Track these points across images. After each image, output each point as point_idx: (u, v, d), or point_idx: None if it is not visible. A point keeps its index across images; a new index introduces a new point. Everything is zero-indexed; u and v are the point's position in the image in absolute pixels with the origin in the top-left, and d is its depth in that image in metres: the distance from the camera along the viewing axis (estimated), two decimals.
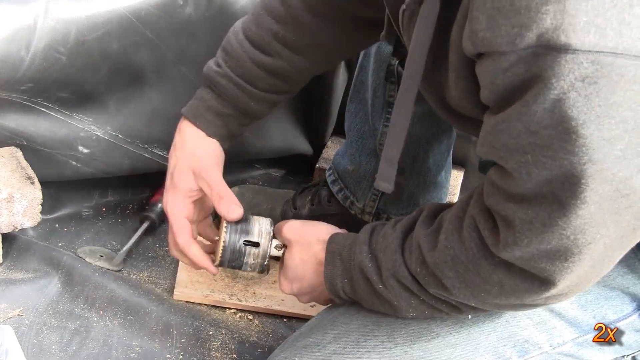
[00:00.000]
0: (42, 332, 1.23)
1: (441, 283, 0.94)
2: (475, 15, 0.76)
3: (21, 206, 1.30)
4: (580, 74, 0.72)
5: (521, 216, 0.83)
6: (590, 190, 0.78)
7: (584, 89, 0.73)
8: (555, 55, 0.72)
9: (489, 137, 0.82)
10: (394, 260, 0.99)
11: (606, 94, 0.73)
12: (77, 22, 1.33)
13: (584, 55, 0.71)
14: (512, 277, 0.89)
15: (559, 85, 0.73)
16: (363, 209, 1.49)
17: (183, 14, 1.42)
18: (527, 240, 0.84)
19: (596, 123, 0.74)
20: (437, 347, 1.03)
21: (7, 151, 1.38)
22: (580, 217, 0.80)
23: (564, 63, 0.72)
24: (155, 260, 1.47)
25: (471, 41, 0.77)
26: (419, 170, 1.44)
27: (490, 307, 0.95)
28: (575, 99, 0.73)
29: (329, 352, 1.04)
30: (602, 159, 0.76)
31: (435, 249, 0.94)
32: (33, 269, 1.35)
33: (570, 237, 0.82)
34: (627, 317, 1.05)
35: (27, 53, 1.29)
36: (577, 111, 0.74)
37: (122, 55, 1.40)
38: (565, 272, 0.85)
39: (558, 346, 1.05)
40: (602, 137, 0.75)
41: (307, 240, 1.12)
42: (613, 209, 0.80)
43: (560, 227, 0.81)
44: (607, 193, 0.78)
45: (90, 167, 1.47)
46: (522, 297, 0.91)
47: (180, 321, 1.32)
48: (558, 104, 0.74)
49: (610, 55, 0.71)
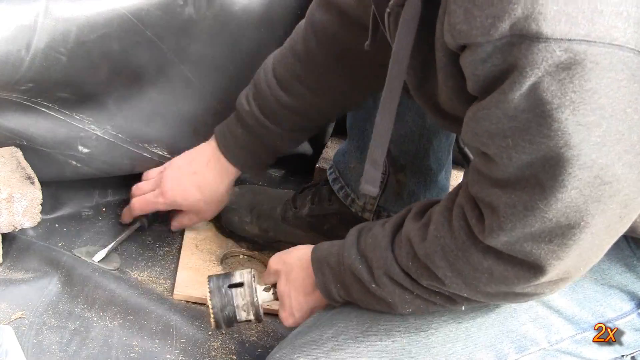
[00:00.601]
0: (42, 332, 1.23)
1: (433, 274, 0.95)
2: (453, 8, 0.77)
3: (21, 206, 1.30)
4: (554, 61, 0.73)
5: (505, 201, 0.84)
6: (568, 175, 0.79)
7: (557, 74, 0.74)
8: (529, 44, 0.73)
9: (471, 124, 0.83)
10: (385, 258, 1.00)
11: (580, 80, 0.74)
12: (77, 22, 1.33)
13: (556, 44, 0.72)
14: (501, 263, 0.89)
15: (534, 72, 0.74)
16: (364, 207, 1.49)
17: (183, 14, 1.42)
18: (511, 225, 0.85)
19: (571, 108, 0.75)
20: (435, 342, 1.04)
21: (7, 151, 1.38)
22: (561, 200, 0.81)
23: (536, 51, 0.73)
24: (155, 260, 1.47)
25: (450, 34, 0.78)
26: (419, 168, 1.45)
27: (482, 296, 0.96)
28: (549, 83, 0.74)
29: (328, 349, 1.04)
30: (579, 144, 0.77)
31: (426, 240, 0.95)
32: (33, 269, 1.34)
33: (553, 220, 0.83)
34: (626, 315, 1.06)
35: (27, 53, 1.29)
36: (551, 95, 0.75)
37: (122, 55, 1.40)
38: (551, 256, 0.86)
39: (556, 343, 1.05)
40: (578, 122, 0.76)
41: (289, 263, 1.17)
42: (595, 196, 0.80)
43: (541, 210, 0.82)
44: (586, 179, 0.79)
45: (90, 167, 1.47)
46: (511, 285, 0.91)
47: (180, 321, 1.32)
48: (533, 89, 0.75)
49: (583, 43, 0.72)
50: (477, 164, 0.88)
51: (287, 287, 1.17)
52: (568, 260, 0.87)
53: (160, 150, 1.53)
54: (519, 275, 0.89)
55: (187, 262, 1.46)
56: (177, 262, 1.46)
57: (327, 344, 1.05)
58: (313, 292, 1.14)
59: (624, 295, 1.05)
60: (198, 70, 1.49)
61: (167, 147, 1.53)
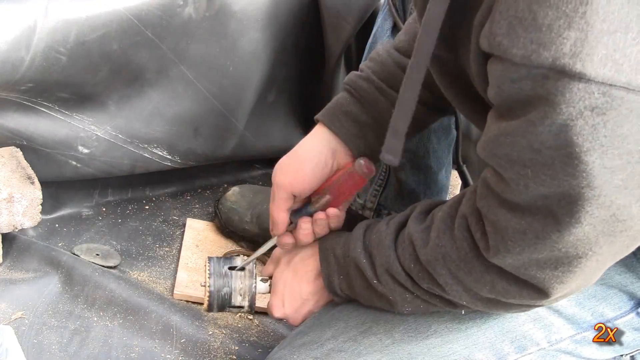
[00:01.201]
0: (42, 332, 1.23)
1: (434, 280, 0.95)
2: (497, 18, 0.76)
3: (21, 206, 1.30)
4: (590, 103, 0.73)
5: (514, 225, 0.84)
6: (586, 213, 0.79)
7: (592, 119, 0.74)
8: (568, 82, 0.73)
9: (491, 144, 0.83)
10: (388, 256, 1.00)
11: (613, 125, 0.74)
12: (77, 22, 1.33)
13: (596, 86, 0.72)
14: (504, 280, 0.90)
15: (568, 111, 0.74)
16: (364, 205, 1.49)
17: (183, 14, 1.42)
18: (519, 249, 0.85)
19: (599, 152, 0.75)
20: (434, 343, 1.04)
21: (7, 151, 1.38)
22: (574, 234, 0.81)
23: (575, 91, 0.73)
24: (155, 260, 1.47)
25: (488, 41, 0.77)
26: (419, 166, 1.45)
27: (482, 305, 0.96)
28: (582, 127, 0.74)
29: (327, 349, 1.04)
30: (602, 185, 0.77)
31: (428, 246, 0.95)
32: (33, 269, 1.35)
33: (562, 250, 0.83)
34: (625, 315, 1.06)
35: (27, 53, 1.29)
36: (582, 139, 0.75)
37: (122, 55, 1.40)
38: (555, 280, 0.87)
39: (556, 343, 1.05)
40: (604, 165, 0.76)
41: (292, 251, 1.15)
42: (608, 231, 0.81)
43: (553, 240, 0.82)
44: (602, 217, 0.80)
45: (90, 167, 1.47)
46: (512, 299, 0.92)
47: (180, 321, 1.32)
48: (564, 129, 0.75)
49: (622, 89, 0.72)
50: (489, 179, 0.87)
51: (284, 272, 1.14)
52: (571, 284, 0.88)
53: (160, 150, 1.53)
54: (522, 293, 0.90)
55: (187, 262, 1.46)
56: (177, 262, 1.46)
57: (326, 344, 1.05)
58: (312, 282, 1.12)
59: (624, 295, 1.05)
60: (198, 70, 1.49)
61: (167, 147, 1.54)
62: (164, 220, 1.57)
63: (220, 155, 1.63)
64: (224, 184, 1.71)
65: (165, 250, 1.50)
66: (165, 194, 1.65)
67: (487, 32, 0.78)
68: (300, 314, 1.15)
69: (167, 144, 1.53)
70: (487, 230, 0.88)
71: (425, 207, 1.02)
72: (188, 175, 1.67)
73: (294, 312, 1.15)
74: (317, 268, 1.11)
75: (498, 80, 0.78)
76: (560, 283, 0.87)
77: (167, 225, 1.56)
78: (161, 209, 1.60)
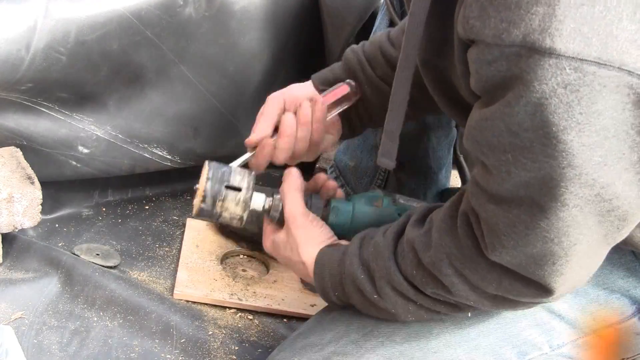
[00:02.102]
0: (42, 332, 1.23)
1: (439, 282, 0.94)
2: (469, 1, 0.77)
3: (21, 206, 1.30)
4: (563, 79, 0.73)
5: (503, 219, 0.84)
6: (570, 194, 0.79)
7: (565, 96, 0.74)
8: (539, 59, 0.73)
9: (473, 131, 0.83)
10: (388, 268, 0.99)
11: (587, 102, 0.74)
12: (77, 22, 1.33)
13: (567, 61, 0.72)
14: (510, 276, 0.90)
15: (541, 89, 0.74)
16: None
17: (183, 14, 1.42)
18: (513, 243, 0.85)
19: (577, 130, 0.75)
20: (436, 347, 1.03)
21: (7, 151, 1.38)
22: (562, 219, 0.81)
23: (547, 67, 0.73)
24: (155, 260, 1.47)
25: (462, 26, 0.78)
26: (419, 167, 1.45)
27: (489, 301, 0.95)
28: (556, 106, 0.74)
29: (329, 352, 1.03)
30: (582, 164, 0.77)
31: (431, 248, 0.95)
32: (33, 269, 1.35)
33: (555, 240, 0.83)
34: (627, 319, 1.06)
35: (27, 53, 1.29)
36: (558, 117, 0.75)
37: (122, 55, 1.40)
38: (556, 275, 0.86)
39: (558, 347, 1.05)
40: (582, 143, 0.76)
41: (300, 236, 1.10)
42: (595, 211, 0.81)
43: (542, 229, 0.82)
44: (587, 197, 0.79)
45: (90, 167, 1.47)
46: (519, 296, 0.91)
47: (180, 321, 1.32)
48: (539, 108, 0.75)
49: (593, 64, 0.72)
50: (476, 175, 0.88)
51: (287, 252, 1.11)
52: (572, 275, 0.87)
53: (160, 150, 1.53)
54: (528, 291, 0.90)
55: (187, 262, 1.46)
56: (177, 262, 1.46)
57: (327, 347, 1.04)
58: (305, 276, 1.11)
59: (626, 299, 1.05)
60: (198, 70, 1.49)
61: (167, 147, 1.54)
62: (164, 220, 1.57)
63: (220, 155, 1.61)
64: None
65: (165, 250, 1.50)
66: (165, 194, 1.65)
67: (461, 18, 0.78)
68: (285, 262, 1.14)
69: (167, 144, 1.53)
70: (482, 228, 0.88)
71: (421, 214, 1.01)
72: (188, 175, 1.67)
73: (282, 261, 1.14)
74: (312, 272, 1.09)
75: (476, 65, 0.79)
76: (560, 275, 0.86)
77: (167, 225, 1.56)
78: (161, 209, 1.60)
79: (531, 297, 0.91)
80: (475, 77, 0.80)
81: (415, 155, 1.44)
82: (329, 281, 1.06)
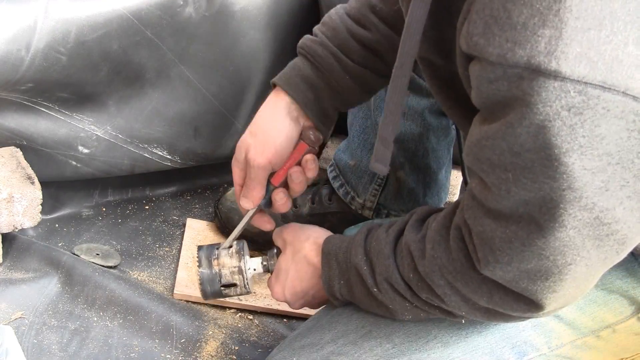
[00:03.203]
0: (42, 332, 1.23)
1: (432, 290, 0.95)
2: (474, 18, 0.76)
3: (21, 206, 1.30)
4: (567, 102, 0.73)
5: (500, 235, 0.84)
6: (568, 215, 0.79)
7: (569, 119, 0.73)
8: (543, 81, 0.72)
9: (474, 148, 0.83)
10: (387, 266, 0.99)
11: (591, 125, 0.73)
12: (77, 22, 1.33)
13: (572, 84, 0.72)
14: (501, 290, 0.89)
15: (545, 111, 0.74)
16: (363, 204, 1.49)
17: (183, 14, 1.42)
18: (507, 259, 0.85)
19: (579, 153, 0.75)
20: (435, 348, 1.03)
21: (7, 151, 1.38)
22: (559, 239, 0.81)
23: (551, 89, 0.72)
24: (155, 260, 1.47)
25: (466, 42, 0.77)
26: (419, 166, 1.44)
27: (481, 314, 0.95)
28: (559, 128, 0.74)
29: (327, 352, 1.03)
30: (583, 187, 0.77)
31: (425, 258, 0.95)
32: (33, 269, 1.35)
33: (550, 258, 0.83)
34: (626, 320, 1.05)
35: (27, 53, 1.29)
36: (560, 140, 0.74)
37: (122, 55, 1.40)
38: (548, 292, 0.86)
39: (556, 348, 1.05)
40: (584, 167, 0.76)
41: (300, 240, 1.14)
42: (594, 235, 0.81)
43: (539, 247, 0.82)
44: (586, 220, 0.79)
45: (90, 167, 1.47)
46: (510, 311, 0.91)
47: (180, 321, 1.32)
48: (542, 130, 0.74)
49: (598, 88, 0.72)
50: (474, 189, 0.87)
51: (288, 263, 1.14)
52: (564, 292, 0.87)
53: (160, 150, 1.53)
54: (519, 305, 0.89)
55: (187, 262, 1.46)
56: (177, 262, 1.46)
57: (326, 347, 1.04)
58: (312, 280, 1.12)
59: (624, 300, 1.05)
60: (198, 70, 1.49)
61: (167, 147, 1.54)
62: (164, 220, 1.57)
63: (220, 155, 1.62)
64: (224, 184, 1.71)
65: (165, 250, 1.50)
66: (165, 194, 1.65)
67: (464, 33, 0.78)
68: (298, 303, 1.16)
69: (167, 144, 1.53)
70: (474, 242, 0.87)
71: (422, 215, 1.01)
72: (188, 175, 1.67)
73: (293, 302, 1.15)
74: (319, 269, 1.10)
75: (477, 81, 0.78)
76: (553, 292, 0.86)
77: (167, 225, 1.56)
78: (161, 209, 1.60)
79: (521, 312, 0.90)
80: (476, 92, 0.80)
81: (415, 155, 1.44)
82: (336, 269, 1.07)
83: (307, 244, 1.12)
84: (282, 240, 1.17)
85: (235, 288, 1.18)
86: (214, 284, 1.17)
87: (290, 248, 1.15)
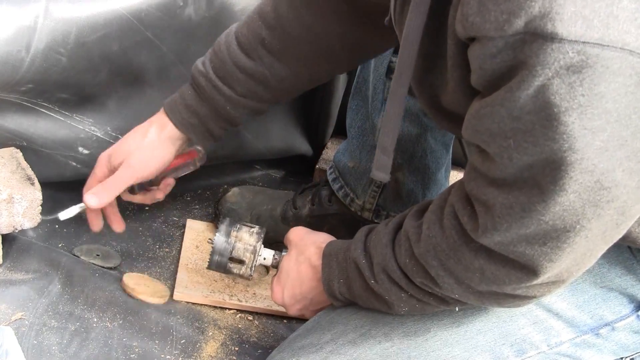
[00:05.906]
0: (42, 333, 1.23)
1: (427, 273, 0.95)
2: (466, 0, 0.76)
3: (21, 207, 1.30)
4: (565, 62, 0.73)
5: (501, 201, 0.84)
6: (570, 179, 0.79)
7: (567, 77, 0.74)
8: (542, 43, 0.73)
9: (473, 120, 0.83)
10: (384, 255, 1.00)
11: (590, 84, 0.74)
12: (77, 23, 1.33)
13: (569, 45, 0.72)
14: (493, 263, 0.89)
15: (544, 72, 0.74)
16: (363, 206, 1.49)
17: (183, 14, 1.42)
18: (506, 225, 0.85)
19: (578, 112, 0.75)
20: (434, 346, 1.04)
21: (7, 152, 1.38)
22: (559, 204, 0.81)
23: (549, 51, 0.73)
24: (155, 261, 1.47)
25: (462, 25, 0.78)
26: (417, 167, 1.45)
27: (474, 297, 0.95)
28: (558, 86, 0.74)
29: (326, 352, 1.04)
30: (583, 148, 0.77)
31: (421, 239, 0.95)
32: (33, 270, 1.34)
33: (549, 223, 0.82)
34: (625, 318, 1.06)
35: (27, 54, 1.29)
36: (559, 98, 0.74)
37: (123, 56, 1.40)
38: (544, 259, 0.86)
39: (555, 346, 1.05)
40: (584, 126, 0.76)
41: (305, 243, 1.16)
42: (593, 200, 0.80)
43: (539, 212, 0.82)
44: (587, 183, 0.79)
45: (90, 168, 1.46)
46: (503, 285, 0.91)
47: (180, 322, 1.32)
48: (541, 90, 0.75)
49: (596, 46, 0.72)
50: (475, 161, 0.87)
51: (291, 264, 1.17)
52: (561, 263, 0.87)
53: None
54: (511, 275, 0.89)
55: (187, 262, 1.46)
56: (177, 262, 1.46)
57: (325, 347, 1.05)
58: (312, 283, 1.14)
59: (624, 297, 1.05)
60: None
61: None
62: (164, 221, 1.57)
63: (220, 156, 1.62)
64: (224, 184, 1.71)
65: (165, 251, 1.50)
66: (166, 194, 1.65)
67: (459, 17, 0.78)
68: (296, 308, 1.18)
69: None
70: (477, 210, 0.88)
71: (421, 206, 1.02)
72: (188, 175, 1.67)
73: (291, 305, 1.18)
74: (319, 272, 1.12)
75: (479, 61, 0.79)
76: (550, 261, 0.86)
77: (167, 226, 1.56)
78: (161, 209, 1.60)
79: (515, 281, 0.90)
80: (478, 72, 0.80)
81: (413, 156, 1.44)
82: (336, 268, 1.08)
83: (311, 247, 1.14)
84: (289, 241, 1.19)
85: (240, 266, 1.23)
86: (224, 254, 1.24)
87: (295, 250, 1.16)
